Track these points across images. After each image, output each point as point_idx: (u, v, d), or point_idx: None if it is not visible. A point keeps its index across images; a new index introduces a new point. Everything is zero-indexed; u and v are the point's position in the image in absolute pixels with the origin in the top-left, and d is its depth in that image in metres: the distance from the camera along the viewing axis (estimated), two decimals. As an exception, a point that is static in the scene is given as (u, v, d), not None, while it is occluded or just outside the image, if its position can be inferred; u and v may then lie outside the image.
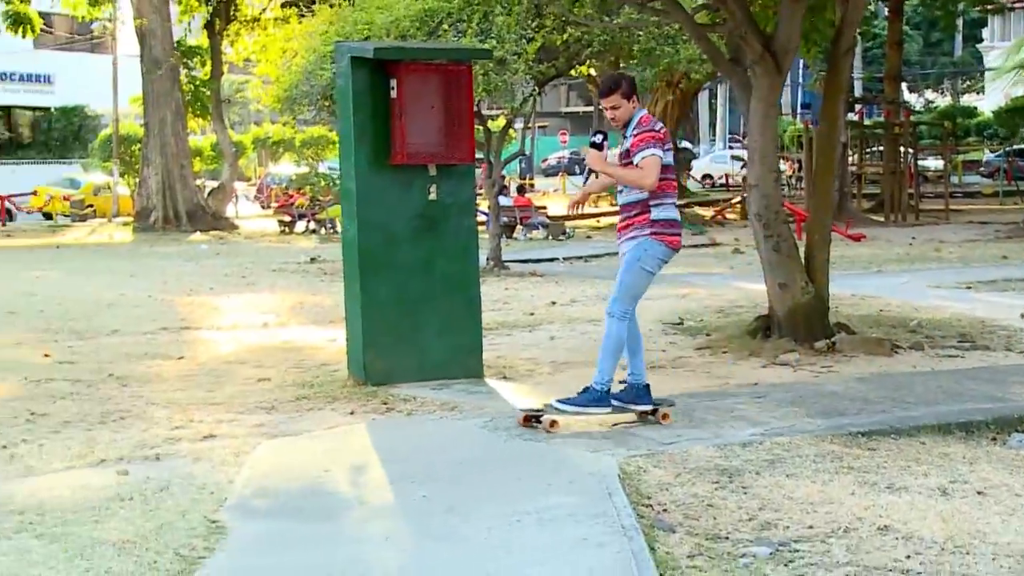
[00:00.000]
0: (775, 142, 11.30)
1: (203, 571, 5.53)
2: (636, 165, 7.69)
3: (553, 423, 7.78)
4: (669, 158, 7.83)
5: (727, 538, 5.88)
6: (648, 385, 8.20)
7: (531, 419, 7.95)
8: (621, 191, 8.03)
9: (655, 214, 7.80)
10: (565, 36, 18.85)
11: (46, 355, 11.79)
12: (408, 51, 10.05)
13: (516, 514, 6.20)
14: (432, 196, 9.58)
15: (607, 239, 30.30)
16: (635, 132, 7.76)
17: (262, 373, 10.62)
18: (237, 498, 6.72)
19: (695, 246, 27.23)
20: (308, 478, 7.00)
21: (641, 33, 18.68)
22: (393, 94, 9.31)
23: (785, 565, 5.48)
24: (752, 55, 10.74)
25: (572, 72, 25.09)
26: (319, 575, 5.49)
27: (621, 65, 24.21)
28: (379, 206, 9.30)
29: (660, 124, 7.95)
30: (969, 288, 16.99)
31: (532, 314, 14.76)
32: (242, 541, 5.97)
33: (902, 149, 36.17)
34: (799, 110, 79.03)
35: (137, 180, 38.44)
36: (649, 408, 8.12)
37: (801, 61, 70.53)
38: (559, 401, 7.93)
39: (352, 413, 8.85)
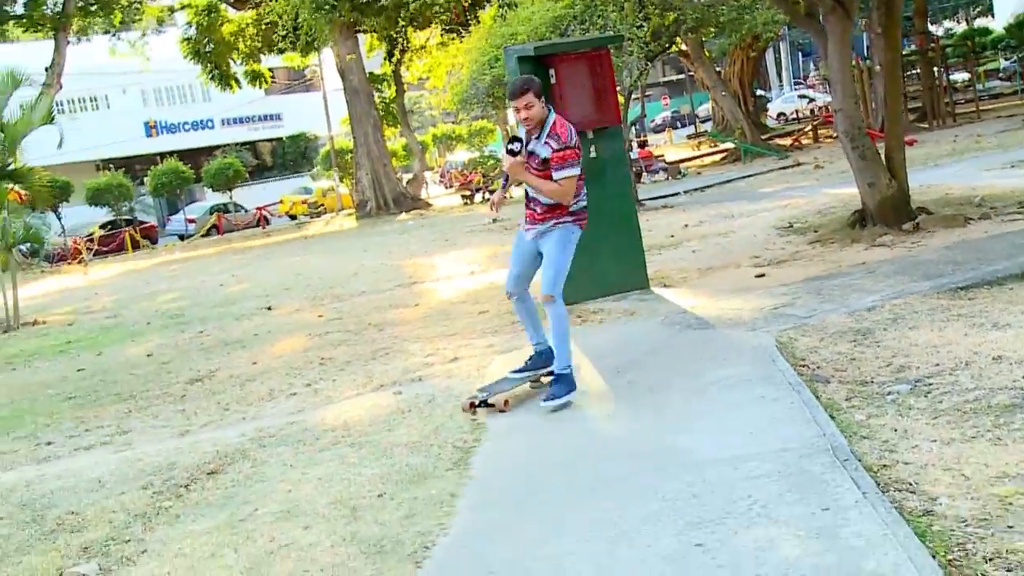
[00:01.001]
0: (851, 75, 10.85)
1: (477, 457, 5.54)
2: (556, 182, 6.14)
3: (506, 401, 6.36)
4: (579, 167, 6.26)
5: (872, 382, 5.69)
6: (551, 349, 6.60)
7: (475, 406, 6.41)
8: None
9: (573, 207, 6.34)
10: (665, 20, 18.41)
11: (319, 315, 11.98)
12: (560, 45, 9.84)
13: (703, 384, 6.09)
14: (593, 154, 9.42)
15: (714, 173, 29.79)
16: (554, 144, 6.10)
17: (480, 308, 10.62)
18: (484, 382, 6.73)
19: (783, 168, 26.52)
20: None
21: (724, 7, 18.14)
22: (552, 80, 9.16)
23: (924, 396, 5.27)
24: (824, 7, 10.30)
25: (672, 48, 24.52)
26: (560, 449, 5.46)
27: (712, 35, 23.53)
28: (554, 168, 9.21)
29: (574, 133, 6.25)
30: (1014, 167, 16.18)
31: (672, 236, 14.52)
32: (498, 431, 5.97)
33: (935, 69, 34.62)
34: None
35: (353, 181, 38.94)
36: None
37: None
38: (546, 401, 6.23)
39: (556, 327, 8.80)
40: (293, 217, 44.43)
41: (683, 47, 33.77)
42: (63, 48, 33.45)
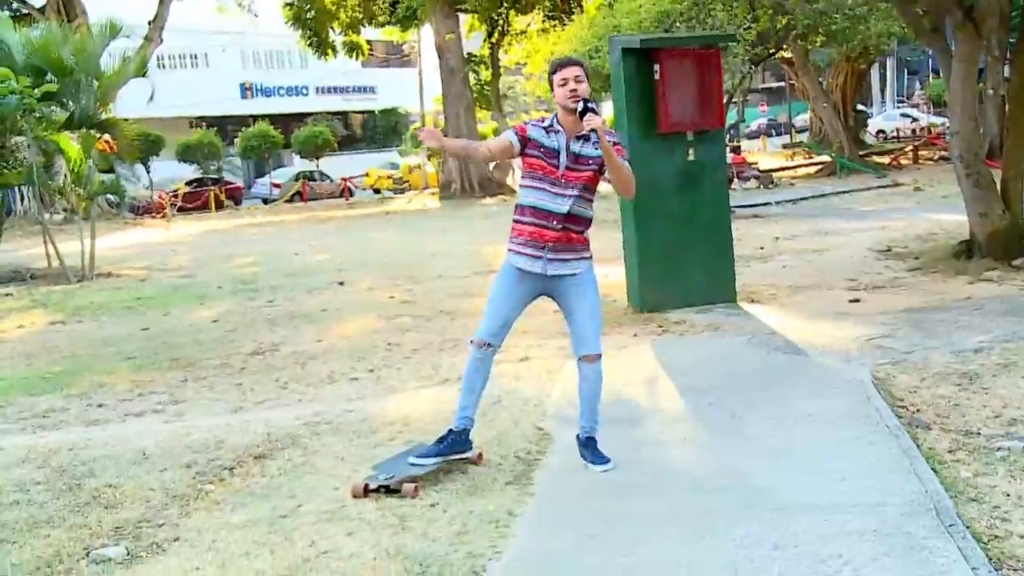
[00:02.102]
0: (974, 97, 10.23)
1: (540, 472, 5.16)
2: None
3: (416, 488, 4.83)
4: None
5: (978, 433, 5.18)
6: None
7: (371, 490, 4.85)
8: (564, 195, 5.00)
9: (587, 235, 5.17)
10: (776, 24, 17.76)
11: (391, 296, 11.69)
12: (668, 40, 9.44)
13: (792, 416, 5.62)
14: (691, 157, 8.97)
15: (808, 185, 28.96)
16: (611, 138, 4.94)
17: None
18: (555, 408, 6.35)
19: (880, 187, 25.69)
20: (611, 390, 6.50)
21: (837, 15, 17.45)
22: (656, 76, 8.72)
23: (1040, 457, 4.76)
24: (955, 23, 9.69)
25: (777, 54, 23.79)
26: (631, 472, 5.04)
27: (819, 43, 22.79)
28: (649, 167, 8.75)
29: None
30: None
31: (762, 248, 13.98)
32: (565, 444, 5.55)
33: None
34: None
35: (440, 160, 38.76)
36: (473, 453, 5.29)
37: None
38: (596, 465, 5.07)
39: (635, 335, 8.37)
40: (377, 191, 44.38)
41: (787, 54, 32.90)
42: (168, 2, 33.63)
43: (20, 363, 9.08)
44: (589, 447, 5.22)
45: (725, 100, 21.58)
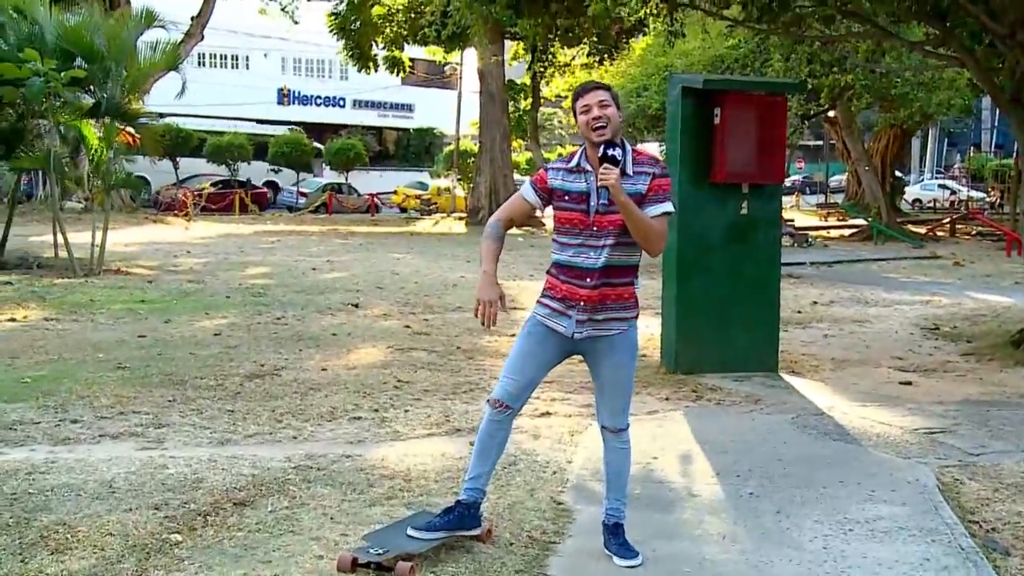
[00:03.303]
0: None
1: (557, 558, 4.46)
2: (652, 219, 4.21)
3: (412, 569, 4.10)
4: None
5: (1065, 566, 4.45)
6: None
7: (359, 564, 4.19)
8: (598, 247, 4.26)
9: (637, 285, 4.49)
10: (834, 82, 17.09)
11: (407, 326, 11.02)
12: (733, 83, 8.78)
13: (847, 522, 4.90)
14: (744, 211, 8.30)
15: (843, 248, 28.20)
16: (652, 169, 4.25)
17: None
18: (577, 478, 5.64)
19: (919, 258, 24.89)
20: (640, 464, 5.82)
21: (899, 79, 16.77)
22: (716, 120, 8.07)
23: None
24: (1039, 95, 9.03)
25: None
26: (660, 571, 4.34)
27: (876, 107, 22.12)
28: (698, 217, 8.10)
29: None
30: None
31: (800, 312, 13.25)
32: (587, 526, 4.85)
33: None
34: (992, 148, 74.29)
35: (470, 185, 38.23)
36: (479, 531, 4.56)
37: (994, 108, 65.86)
38: (623, 559, 4.39)
39: (667, 399, 7.67)
40: (404, 210, 43.84)
41: (831, 113, 32.25)
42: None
43: (1, 362, 8.45)
44: (616, 535, 4.52)
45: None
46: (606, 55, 30.48)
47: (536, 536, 4.71)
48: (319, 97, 56.90)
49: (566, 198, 4.33)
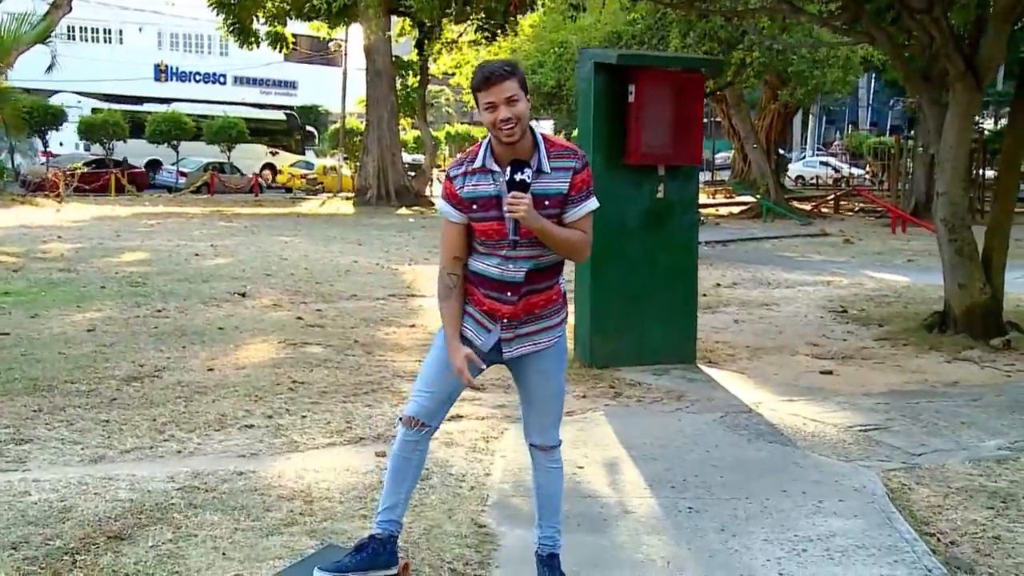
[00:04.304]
0: (968, 155, 9.32)
1: (484, 596, 3.92)
2: (575, 223, 3.70)
3: (406, 566, 3.96)
4: None
5: (1033, 583, 4.09)
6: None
7: None
8: (517, 257, 3.69)
9: (562, 282, 3.93)
10: (731, 58, 16.80)
11: (299, 318, 10.30)
12: (647, 58, 8.29)
13: (799, 541, 4.47)
14: (660, 194, 7.84)
15: (734, 226, 28.16)
16: (572, 163, 3.67)
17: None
18: (497, 494, 5.10)
19: (809, 235, 24.99)
20: (565, 474, 5.28)
21: (795, 57, 16.58)
22: (631, 98, 7.56)
23: None
24: (954, 72, 8.73)
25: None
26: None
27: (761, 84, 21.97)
28: (612, 202, 7.55)
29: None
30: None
31: (705, 295, 12.85)
32: (515, 554, 4.33)
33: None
34: (869, 126, 76.48)
35: (357, 164, 37.29)
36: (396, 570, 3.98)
37: (871, 84, 67.15)
38: None
39: (584, 396, 7.17)
40: (289, 190, 42.59)
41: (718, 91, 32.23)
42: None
43: None
44: (551, 568, 4.00)
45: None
46: (497, 31, 29.90)
47: (459, 569, 4.18)
48: (198, 73, 55.17)
49: (475, 207, 3.71)
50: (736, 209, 34.41)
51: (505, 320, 3.78)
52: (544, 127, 18.78)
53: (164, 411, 6.53)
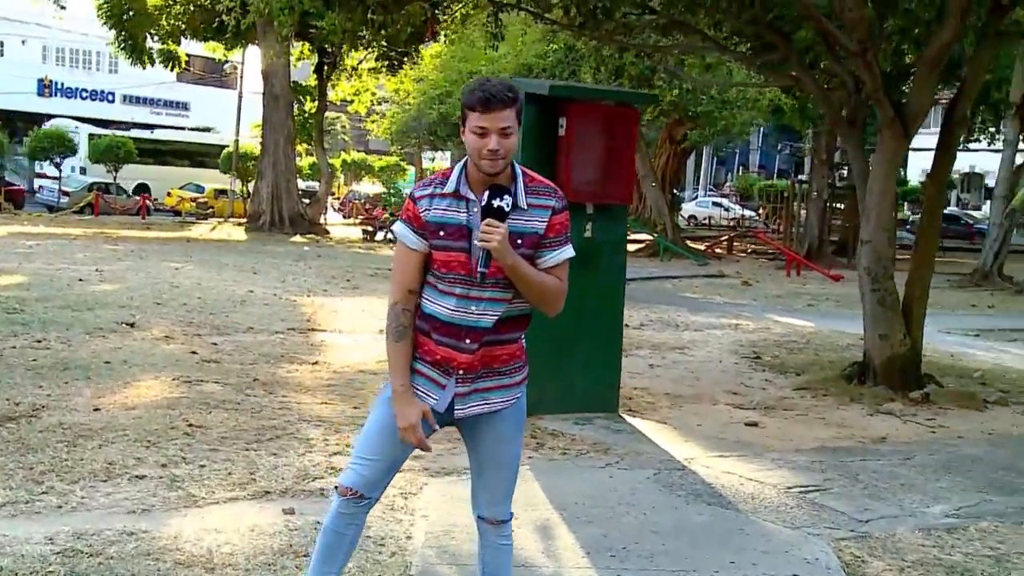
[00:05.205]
0: (894, 203, 9.18)
1: None
2: (550, 270, 3.35)
3: None
4: None
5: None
6: None
7: None
8: (482, 299, 3.31)
9: (523, 338, 3.63)
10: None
11: (193, 352, 9.63)
12: (580, 90, 7.93)
13: (759, 624, 4.08)
14: (588, 234, 7.45)
15: (631, 263, 27.97)
16: (550, 202, 3.33)
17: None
18: (422, 563, 4.62)
19: (708, 276, 25.05)
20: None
21: (704, 97, 16.54)
22: (561, 132, 7.19)
23: None
24: (883, 118, 8.58)
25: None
26: None
27: (671, 123, 22.03)
28: (538, 241, 7.18)
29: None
30: (978, 336, 14.77)
31: (615, 337, 12.58)
32: (447, 636, 3.84)
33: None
34: (758, 168, 78.42)
35: (251, 189, 36.37)
36: None
37: (761, 129, 68.59)
38: None
39: (506, 447, 6.71)
40: (178, 213, 41.32)
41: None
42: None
43: None
44: None
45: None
46: (402, 59, 29.42)
47: (387, 655, 3.67)
48: (85, 90, 53.32)
49: (441, 233, 3.29)
50: (632, 247, 34.49)
51: (461, 372, 3.35)
52: (444, 161, 18.32)
53: (43, 457, 5.87)
